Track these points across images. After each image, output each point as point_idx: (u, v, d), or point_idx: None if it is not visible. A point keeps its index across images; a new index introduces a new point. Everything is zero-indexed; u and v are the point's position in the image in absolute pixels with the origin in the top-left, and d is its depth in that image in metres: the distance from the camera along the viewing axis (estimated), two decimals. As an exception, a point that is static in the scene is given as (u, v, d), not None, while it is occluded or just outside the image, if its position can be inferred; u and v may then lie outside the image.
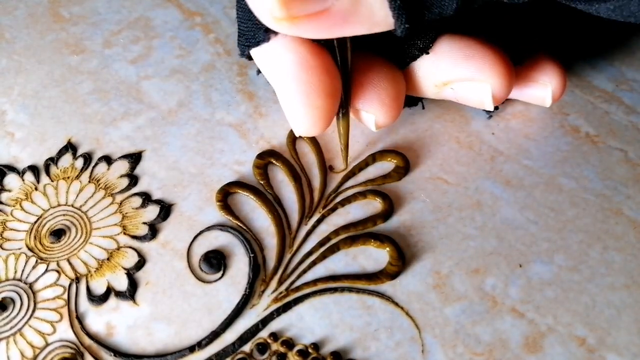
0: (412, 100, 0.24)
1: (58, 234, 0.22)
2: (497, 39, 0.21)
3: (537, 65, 0.22)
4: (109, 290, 0.20)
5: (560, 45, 0.24)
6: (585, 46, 0.26)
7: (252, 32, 0.20)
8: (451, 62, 0.20)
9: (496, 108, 0.24)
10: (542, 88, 0.22)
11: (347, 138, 0.22)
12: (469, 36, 0.21)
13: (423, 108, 0.25)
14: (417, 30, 0.20)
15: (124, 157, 0.24)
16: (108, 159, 0.24)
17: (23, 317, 0.20)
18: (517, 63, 0.22)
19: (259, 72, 0.24)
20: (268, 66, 0.20)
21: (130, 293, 0.20)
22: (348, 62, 0.20)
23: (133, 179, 0.23)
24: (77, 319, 0.20)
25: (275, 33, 0.19)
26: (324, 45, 0.19)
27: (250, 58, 0.21)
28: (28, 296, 0.20)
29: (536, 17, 0.24)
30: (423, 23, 0.18)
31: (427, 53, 0.21)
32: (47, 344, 0.19)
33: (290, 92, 0.19)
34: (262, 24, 0.17)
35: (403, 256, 0.20)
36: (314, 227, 0.21)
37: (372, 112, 0.21)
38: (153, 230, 0.22)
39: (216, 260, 0.21)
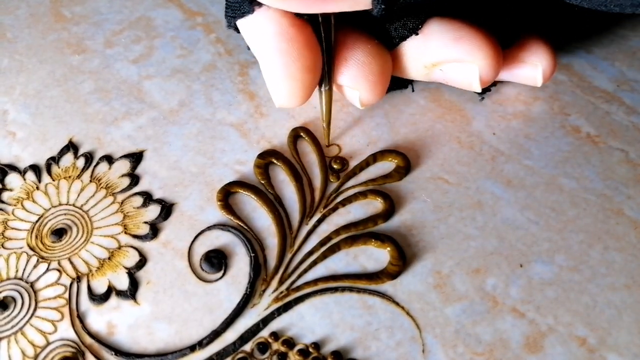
0: (402, 83, 0.25)
1: (59, 233, 0.22)
2: (486, 21, 0.21)
3: (526, 46, 0.22)
4: (110, 290, 0.20)
5: (548, 27, 0.24)
6: (572, 28, 0.27)
7: (238, 3, 0.20)
8: (440, 44, 0.21)
9: (488, 90, 0.24)
10: (532, 68, 0.23)
11: (329, 114, 0.22)
12: (458, 19, 0.21)
13: (413, 90, 0.25)
14: (397, 12, 0.21)
15: (125, 156, 0.24)
16: (109, 159, 0.24)
17: (24, 316, 0.20)
18: (506, 45, 0.22)
19: (248, 48, 0.24)
20: (252, 37, 0.20)
21: (131, 292, 0.20)
22: (331, 38, 0.20)
23: (134, 179, 0.23)
24: (78, 318, 0.20)
25: (260, 5, 0.19)
26: (308, 20, 0.20)
27: (237, 30, 0.22)
28: (29, 295, 0.20)
29: (524, 0, 0.24)
30: (399, 5, 0.18)
31: (417, 34, 0.21)
32: (48, 343, 0.19)
33: (271, 63, 0.20)
34: None
35: (404, 256, 0.20)
36: (315, 226, 0.21)
37: (356, 87, 0.21)
38: (154, 230, 0.22)
39: (217, 260, 0.21)
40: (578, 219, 0.21)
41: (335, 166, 0.23)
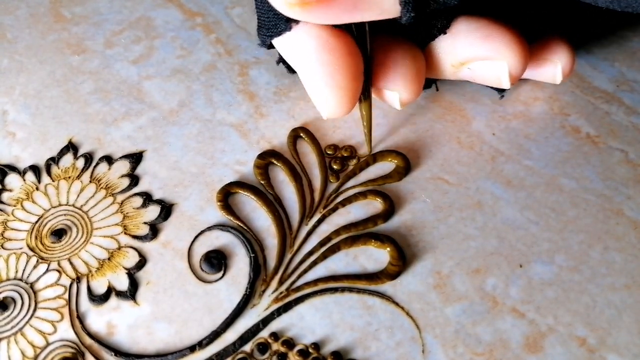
0: (427, 83, 0.25)
1: (59, 233, 0.22)
2: (510, 19, 0.21)
3: (547, 45, 0.23)
4: (110, 290, 0.20)
5: (568, 26, 0.25)
6: (589, 30, 0.27)
7: (274, 22, 0.20)
8: (468, 42, 0.21)
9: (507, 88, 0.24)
10: (553, 66, 0.23)
11: (370, 121, 0.22)
12: (484, 17, 0.21)
13: (437, 90, 0.25)
14: (424, 19, 0.21)
15: (125, 157, 0.24)
16: (109, 159, 0.24)
17: (24, 317, 0.20)
18: (530, 42, 0.22)
19: (278, 62, 0.25)
20: (291, 53, 0.20)
21: (131, 293, 0.20)
22: (367, 45, 0.21)
23: (134, 179, 0.23)
24: (78, 319, 0.20)
25: (297, 22, 0.20)
26: (345, 29, 0.20)
27: (270, 47, 0.22)
28: (29, 296, 0.20)
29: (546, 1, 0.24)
30: (428, 12, 0.18)
31: (445, 33, 0.21)
32: (48, 344, 0.19)
33: (315, 75, 0.20)
34: (283, 15, 0.18)
35: (404, 256, 0.20)
36: (315, 227, 0.21)
37: (396, 89, 0.22)
38: (154, 230, 0.22)
39: (217, 260, 0.21)
40: (578, 219, 0.21)
41: (335, 166, 0.23)
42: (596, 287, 0.20)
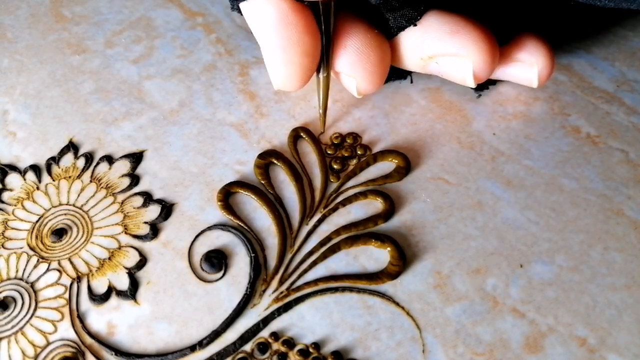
0: (401, 73, 0.25)
1: (59, 233, 0.22)
2: (484, 16, 0.21)
3: (522, 45, 0.22)
4: (110, 290, 0.20)
5: (547, 25, 0.24)
6: (571, 27, 0.27)
7: None
8: (437, 36, 0.21)
9: (485, 88, 0.24)
10: (528, 68, 0.22)
11: (326, 100, 0.22)
12: (456, 13, 0.21)
13: (411, 82, 0.25)
14: (395, 2, 0.21)
15: (126, 156, 0.24)
16: (109, 159, 0.24)
17: (24, 316, 0.20)
18: (503, 42, 0.22)
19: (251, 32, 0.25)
20: (253, 20, 0.21)
21: (131, 292, 0.20)
22: (330, 24, 0.20)
23: (134, 179, 0.23)
24: (79, 318, 0.20)
25: None
26: (308, 5, 0.20)
27: (240, 12, 0.22)
28: (29, 295, 0.20)
29: None
30: None
31: (415, 25, 0.21)
32: (49, 343, 0.19)
33: (271, 46, 0.20)
34: None
35: (404, 256, 0.20)
36: (315, 227, 0.21)
37: (353, 75, 0.21)
38: (154, 230, 0.22)
39: (217, 260, 0.21)
40: (578, 219, 0.21)
41: (335, 166, 0.23)
42: (596, 287, 0.20)
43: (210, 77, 0.27)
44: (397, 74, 0.25)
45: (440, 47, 0.21)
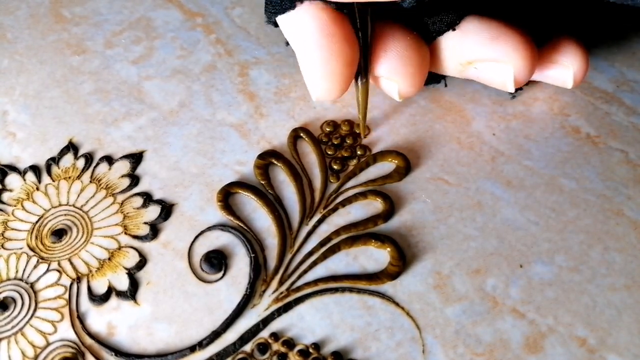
0: (435, 78, 0.25)
1: (59, 233, 0.22)
2: (521, 20, 0.21)
3: (559, 47, 0.22)
4: (110, 290, 0.20)
5: (582, 28, 0.24)
6: (603, 31, 0.27)
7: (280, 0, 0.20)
8: (477, 42, 0.21)
9: (520, 89, 0.24)
10: (564, 70, 0.23)
11: (365, 107, 0.22)
12: (494, 18, 0.21)
13: (445, 86, 0.25)
14: (431, 6, 0.21)
15: (125, 157, 0.24)
16: (109, 159, 0.24)
17: (24, 317, 0.20)
18: (540, 45, 0.22)
19: (287, 43, 0.25)
20: (292, 33, 0.21)
21: (131, 293, 0.20)
22: (368, 31, 0.21)
23: (134, 179, 0.23)
24: (78, 319, 0.20)
25: (301, 1, 0.20)
26: (347, 14, 0.20)
27: (276, 25, 0.22)
28: (29, 296, 0.20)
29: (559, 0, 0.24)
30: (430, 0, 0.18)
31: (454, 29, 0.21)
32: (48, 344, 0.19)
33: (310, 58, 0.20)
34: None
35: (404, 256, 0.20)
36: (315, 227, 0.21)
37: (394, 79, 0.21)
38: (154, 230, 0.22)
39: (217, 260, 0.21)
40: (578, 219, 0.21)
41: (335, 167, 0.23)
42: (596, 288, 0.20)
43: (210, 77, 0.27)
44: (431, 78, 0.25)
45: (480, 53, 0.21)
